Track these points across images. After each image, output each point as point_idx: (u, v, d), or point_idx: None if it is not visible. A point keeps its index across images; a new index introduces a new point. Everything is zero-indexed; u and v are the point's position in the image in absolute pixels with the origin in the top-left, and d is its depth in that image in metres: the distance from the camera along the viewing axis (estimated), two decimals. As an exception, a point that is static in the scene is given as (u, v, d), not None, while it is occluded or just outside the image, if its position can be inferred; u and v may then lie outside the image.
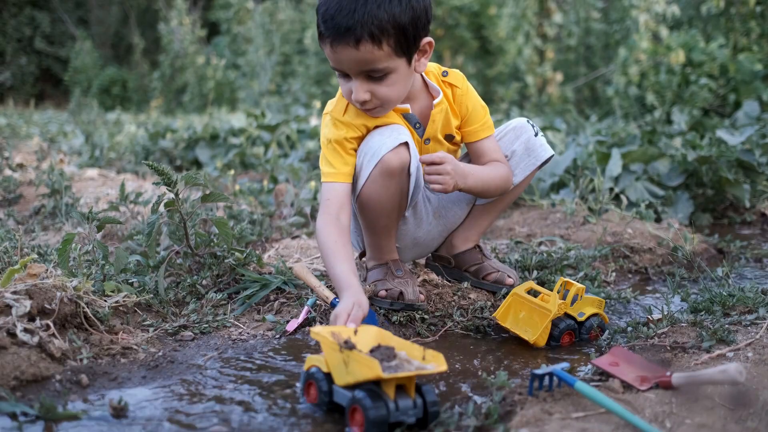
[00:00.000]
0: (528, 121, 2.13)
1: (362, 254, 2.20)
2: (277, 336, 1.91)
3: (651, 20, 7.03)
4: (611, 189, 3.38)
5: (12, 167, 4.23)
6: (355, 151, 1.94)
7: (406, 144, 1.88)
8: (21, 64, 19.35)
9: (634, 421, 1.26)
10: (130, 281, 2.15)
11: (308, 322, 1.96)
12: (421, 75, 1.98)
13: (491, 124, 2.07)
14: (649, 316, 1.99)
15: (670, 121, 5.82)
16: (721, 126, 4.54)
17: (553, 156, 2.13)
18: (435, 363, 1.35)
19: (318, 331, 1.45)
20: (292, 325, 1.93)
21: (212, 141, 5.79)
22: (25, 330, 1.60)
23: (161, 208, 2.12)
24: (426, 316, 1.99)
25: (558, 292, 1.89)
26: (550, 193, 3.73)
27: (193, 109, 12.85)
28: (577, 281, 2.26)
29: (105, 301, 1.88)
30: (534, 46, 9.13)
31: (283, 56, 11.99)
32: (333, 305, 1.90)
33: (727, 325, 1.76)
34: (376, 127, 1.93)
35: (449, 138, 2.05)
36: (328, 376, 1.43)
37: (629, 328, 1.91)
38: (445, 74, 2.01)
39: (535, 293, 1.94)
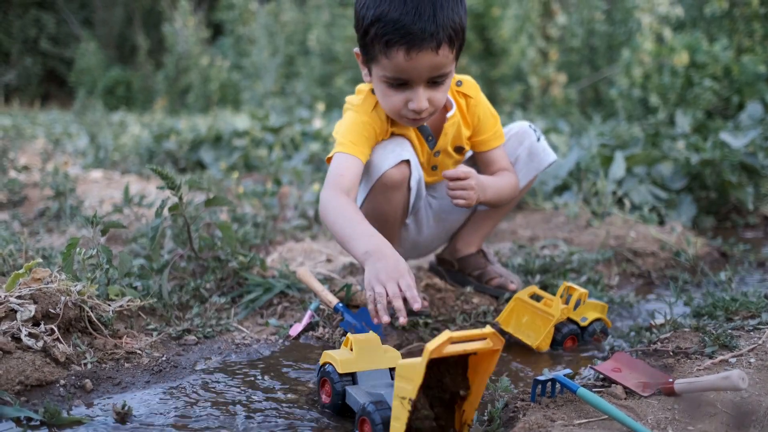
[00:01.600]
0: (530, 126, 2.13)
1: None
2: (281, 340, 1.91)
3: (654, 21, 7.01)
4: (614, 192, 3.38)
5: (17, 168, 4.25)
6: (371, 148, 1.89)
7: (407, 160, 1.87)
8: (26, 65, 19.41)
9: (636, 427, 1.26)
10: (133, 285, 2.16)
11: (311, 327, 1.96)
12: None
13: (502, 133, 2.05)
14: (651, 321, 1.99)
15: (673, 122, 5.80)
16: (724, 128, 4.52)
17: (555, 160, 2.13)
18: None
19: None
20: (295, 330, 1.93)
21: (216, 143, 5.80)
22: (30, 335, 1.61)
23: (165, 212, 2.13)
24: (429, 321, 2.00)
25: (561, 297, 1.89)
26: (553, 196, 3.73)
27: (197, 109, 12.85)
28: (580, 285, 2.27)
29: (109, 305, 1.88)
30: (537, 47, 9.11)
31: (287, 57, 11.98)
32: (336, 310, 1.91)
33: (729, 330, 1.76)
34: (384, 138, 1.92)
35: (458, 150, 2.04)
36: (343, 377, 1.44)
37: (632, 333, 1.91)
38: (459, 84, 1.98)
39: (538, 298, 1.94)
